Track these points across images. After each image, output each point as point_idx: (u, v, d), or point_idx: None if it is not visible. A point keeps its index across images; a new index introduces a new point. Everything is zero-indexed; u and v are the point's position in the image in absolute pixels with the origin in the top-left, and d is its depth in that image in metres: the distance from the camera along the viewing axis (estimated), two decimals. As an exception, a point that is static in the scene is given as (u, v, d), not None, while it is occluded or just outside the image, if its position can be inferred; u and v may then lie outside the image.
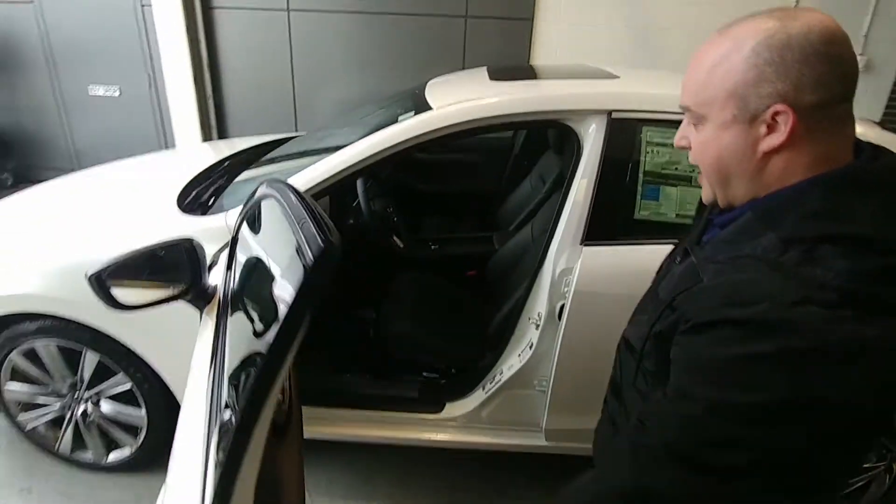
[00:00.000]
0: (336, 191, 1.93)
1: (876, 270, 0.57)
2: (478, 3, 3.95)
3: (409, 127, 1.59)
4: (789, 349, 0.55)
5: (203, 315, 1.31)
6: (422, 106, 1.69)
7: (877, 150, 0.68)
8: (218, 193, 1.93)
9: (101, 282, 1.16)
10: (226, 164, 2.28)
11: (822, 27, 0.61)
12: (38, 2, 4.15)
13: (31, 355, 1.79)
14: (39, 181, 2.40)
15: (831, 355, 0.54)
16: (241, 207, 1.66)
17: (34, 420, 1.89)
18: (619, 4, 3.87)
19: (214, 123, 4.33)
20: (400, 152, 1.61)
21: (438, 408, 1.84)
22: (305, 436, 1.84)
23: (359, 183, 1.89)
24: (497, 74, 1.93)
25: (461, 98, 1.64)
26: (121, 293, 1.21)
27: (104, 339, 1.66)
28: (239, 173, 2.09)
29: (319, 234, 0.66)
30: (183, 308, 1.30)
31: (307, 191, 1.60)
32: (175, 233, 1.38)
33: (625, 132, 1.57)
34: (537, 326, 1.67)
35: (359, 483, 1.97)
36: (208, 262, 1.34)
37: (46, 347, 1.76)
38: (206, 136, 4.30)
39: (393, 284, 2.21)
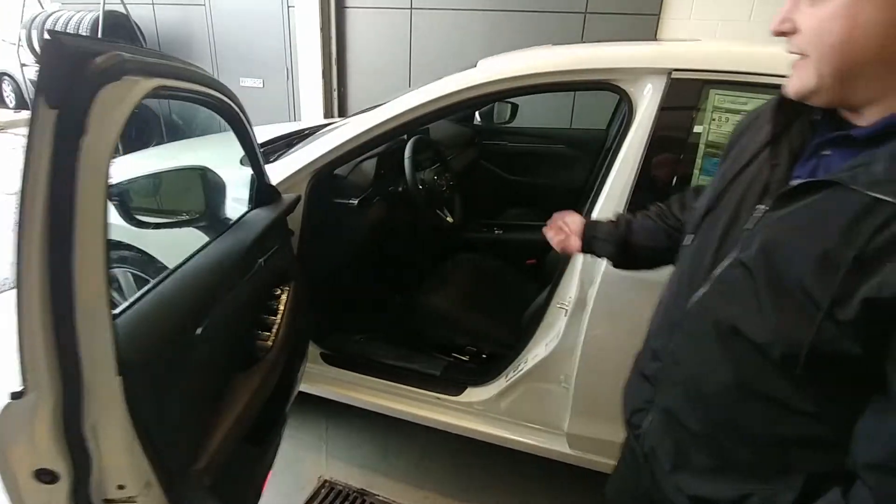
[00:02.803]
0: (386, 157, 1.93)
1: None
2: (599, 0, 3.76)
3: (440, 86, 1.52)
4: None
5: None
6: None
7: None
8: (281, 150, 2.02)
9: (119, 195, 1.25)
10: (307, 130, 2.40)
11: None
12: (208, 4, 4.81)
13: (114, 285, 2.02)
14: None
15: None
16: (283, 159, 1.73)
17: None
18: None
19: (336, 111, 4.65)
20: (435, 112, 1.55)
21: (458, 390, 1.72)
22: (327, 395, 1.85)
23: (406, 150, 1.85)
24: (563, 43, 1.79)
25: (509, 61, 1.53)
26: (141, 214, 1.30)
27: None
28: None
29: None
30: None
31: (338, 148, 1.61)
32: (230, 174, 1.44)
33: (687, 95, 1.34)
34: (566, 313, 1.49)
35: (377, 457, 1.91)
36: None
37: (125, 275, 1.98)
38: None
39: (447, 262, 2.15)
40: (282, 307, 1.34)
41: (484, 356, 1.87)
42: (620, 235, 1.06)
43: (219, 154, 2.19)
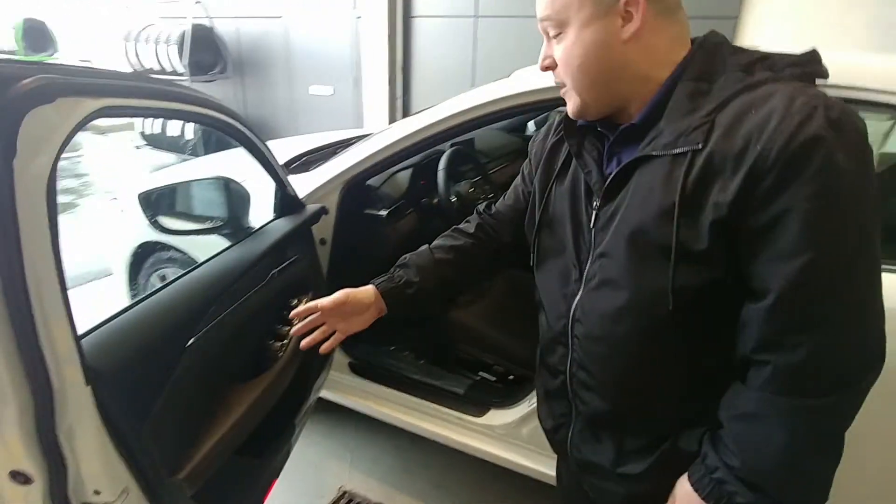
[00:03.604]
0: (422, 168, 1.91)
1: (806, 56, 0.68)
2: (672, 2, 3.56)
3: (472, 97, 1.48)
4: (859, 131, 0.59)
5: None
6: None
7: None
8: (325, 159, 2.05)
9: (148, 201, 1.31)
10: (353, 139, 2.43)
11: None
12: (284, 18, 5.05)
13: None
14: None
15: None
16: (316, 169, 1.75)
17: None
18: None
19: (400, 119, 4.71)
20: (466, 123, 1.51)
21: (481, 412, 1.66)
22: (352, 406, 1.84)
23: (441, 161, 1.82)
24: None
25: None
26: (166, 220, 1.36)
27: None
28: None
29: None
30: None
31: (370, 158, 1.61)
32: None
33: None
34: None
35: (398, 471, 1.89)
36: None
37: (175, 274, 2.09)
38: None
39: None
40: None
41: (511, 377, 1.80)
42: (433, 287, 1.05)
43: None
